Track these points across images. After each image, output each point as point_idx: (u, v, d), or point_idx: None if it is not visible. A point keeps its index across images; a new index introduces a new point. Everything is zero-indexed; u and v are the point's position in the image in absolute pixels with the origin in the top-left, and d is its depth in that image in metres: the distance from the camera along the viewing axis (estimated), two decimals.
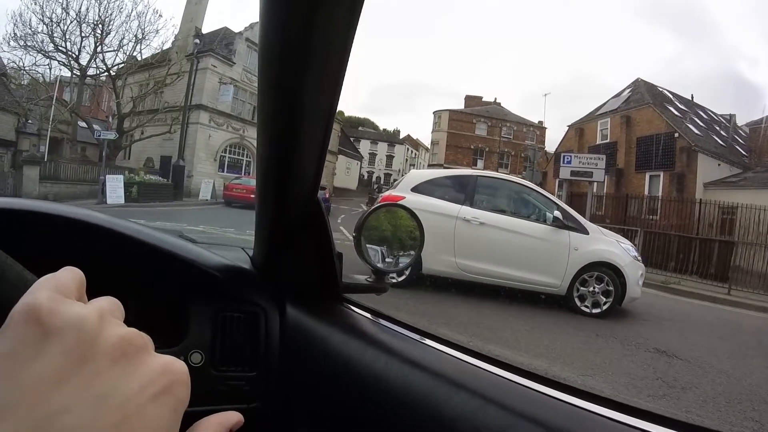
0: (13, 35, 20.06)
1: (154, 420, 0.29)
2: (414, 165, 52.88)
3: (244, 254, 1.20)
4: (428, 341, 0.95)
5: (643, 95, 21.67)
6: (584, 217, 7.59)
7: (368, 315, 1.08)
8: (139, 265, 1.00)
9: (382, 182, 49.19)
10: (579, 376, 3.92)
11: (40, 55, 20.49)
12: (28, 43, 20.07)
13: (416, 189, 7.02)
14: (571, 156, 16.76)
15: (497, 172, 35.24)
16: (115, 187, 16.63)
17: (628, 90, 23.39)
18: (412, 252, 1.15)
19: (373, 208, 1.13)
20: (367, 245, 1.09)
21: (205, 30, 25.48)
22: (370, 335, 0.97)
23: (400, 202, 1.36)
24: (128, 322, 0.34)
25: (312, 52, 0.65)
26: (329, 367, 0.93)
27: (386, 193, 7.44)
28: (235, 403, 0.96)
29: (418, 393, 0.76)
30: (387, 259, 1.14)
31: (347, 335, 0.96)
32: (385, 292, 1.13)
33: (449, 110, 38.74)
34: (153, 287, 1.01)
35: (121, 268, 0.95)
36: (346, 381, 0.89)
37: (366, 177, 47.72)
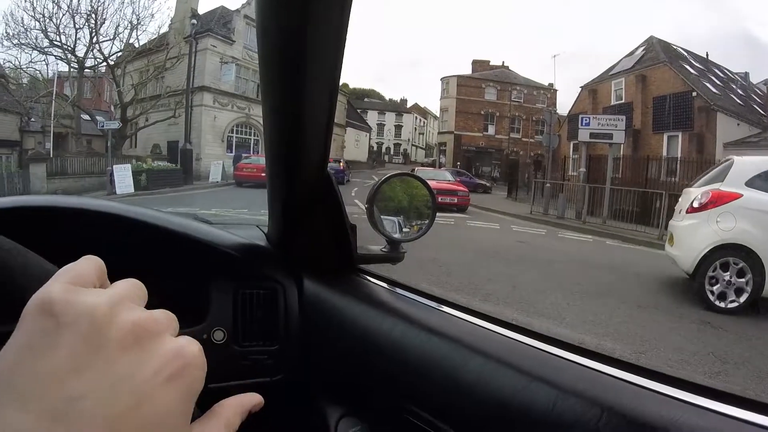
0: (5, 35, 19.84)
1: (167, 403, 0.30)
2: (423, 134, 52.45)
3: (259, 232, 1.23)
4: (445, 308, 0.96)
5: (658, 53, 20.86)
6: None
7: (384, 284, 1.10)
8: (158, 249, 1.04)
9: (392, 153, 48.88)
10: (632, 353, 3.76)
11: (35, 52, 20.37)
12: (22, 41, 19.92)
13: (754, 183, 5.44)
14: (589, 118, 16.39)
15: (509, 137, 35.31)
16: (123, 176, 16.49)
17: (642, 48, 22.53)
18: (426, 221, 1.14)
19: (385, 177, 1.12)
20: (381, 216, 1.11)
21: (201, 10, 25.03)
22: (386, 304, 0.98)
23: (414, 172, 1.30)
24: (153, 304, 0.36)
25: (310, 22, 0.66)
26: (348, 337, 0.96)
27: (709, 188, 5.76)
28: (259, 377, 1.04)
29: (435, 358, 0.78)
30: (405, 229, 1.15)
31: (364, 305, 0.98)
32: (400, 261, 1.13)
33: (457, 76, 37.98)
34: (173, 270, 1.03)
35: (141, 253, 0.98)
36: (364, 349, 0.91)
37: (375, 148, 47.13)
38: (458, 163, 32.72)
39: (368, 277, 1.13)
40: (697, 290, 5.44)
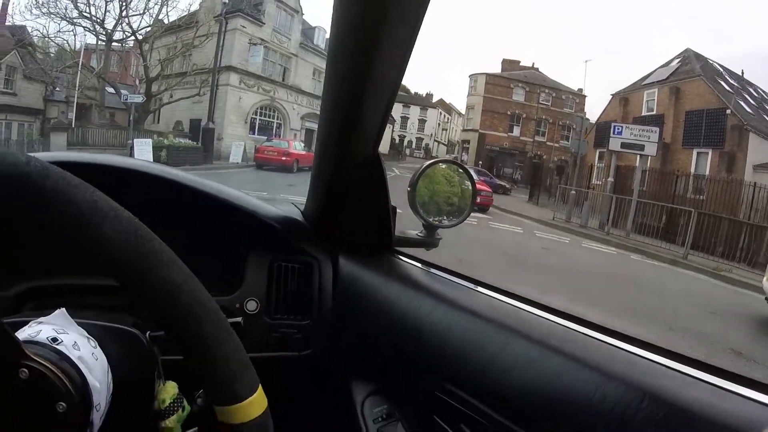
0: (35, 3, 19.78)
1: None
2: (446, 130, 52.06)
3: (295, 208, 1.23)
4: (481, 289, 0.96)
5: (694, 67, 20.30)
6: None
7: (419, 265, 1.10)
8: (199, 212, 1.04)
9: (413, 146, 48.48)
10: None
11: (64, 22, 20.31)
12: (51, 10, 19.88)
13: None
14: (622, 127, 16.26)
15: (534, 139, 34.86)
16: (143, 150, 16.47)
17: (677, 60, 21.97)
18: (465, 208, 1.14)
19: (428, 162, 1.12)
20: (419, 201, 1.09)
21: None
22: (425, 285, 0.99)
23: (458, 161, 1.30)
24: (191, 268, 0.44)
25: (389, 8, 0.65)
26: (383, 316, 0.96)
27: None
28: (288, 350, 1.06)
29: (477, 341, 0.78)
30: (442, 217, 1.13)
31: (402, 285, 0.99)
32: (435, 247, 1.15)
33: (486, 74, 37.22)
34: (212, 235, 1.05)
35: (182, 215, 0.99)
36: (400, 329, 0.91)
37: (398, 141, 46.54)
38: (480, 162, 32.37)
39: (405, 259, 1.14)
40: None
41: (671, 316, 5.68)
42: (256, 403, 0.52)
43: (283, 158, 18.74)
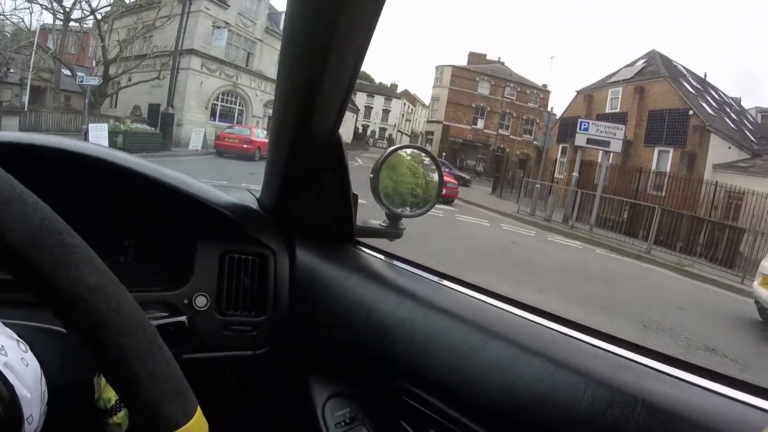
0: None
1: None
2: (410, 121, 52.11)
3: (249, 195, 1.17)
4: (447, 283, 0.93)
5: (659, 67, 20.75)
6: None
7: (382, 257, 1.06)
8: (145, 200, 0.96)
9: (377, 136, 48.33)
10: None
11: None
12: None
13: None
14: (588, 123, 16.63)
15: (497, 132, 35.40)
16: (98, 136, 15.74)
17: (643, 60, 22.42)
18: (430, 199, 1.09)
19: (393, 148, 1.08)
20: (382, 190, 1.04)
21: None
22: (388, 278, 0.95)
23: (425, 147, 1.25)
24: (137, 260, 0.41)
25: None
26: (344, 312, 0.91)
27: None
28: (241, 349, 0.99)
29: (446, 340, 0.75)
30: (405, 207, 1.08)
31: (364, 278, 0.94)
32: (399, 238, 1.10)
33: (452, 66, 37.47)
34: (158, 224, 0.99)
35: (127, 202, 0.94)
36: (362, 326, 0.87)
37: (361, 130, 46.27)
38: (443, 153, 32.54)
39: (367, 250, 1.08)
40: None
41: (643, 311, 5.72)
42: (193, 431, 0.41)
43: (245, 146, 18.41)
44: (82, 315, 0.39)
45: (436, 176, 1.10)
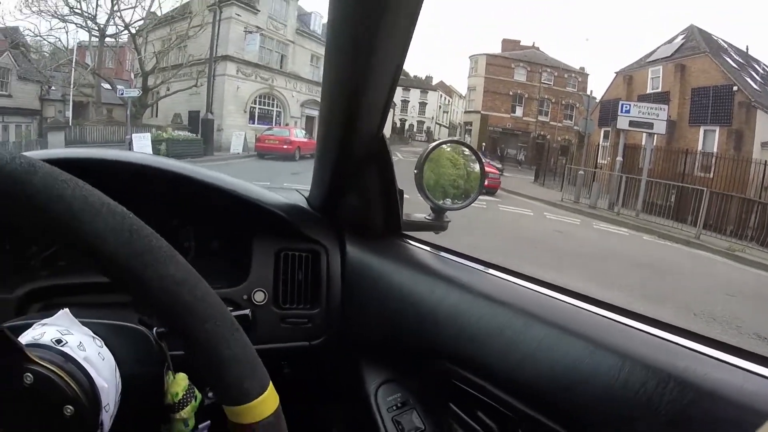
0: (24, 1, 19.59)
1: None
2: (447, 113, 51.62)
3: (299, 195, 1.21)
4: (492, 271, 0.95)
5: (699, 43, 19.77)
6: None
7: (429, 249, 1.09)
8: (202, 204, 1.03)
9: (415, 130, 48.16)
10: None
11: (55, 20, 20.25)
12: (41, 8, 19.74)
13: None
14: (630, 105, 16.17)
15: (537, 119, 34.62)
16: (142, 145, 16.45)
17: (682, 37, 21.38)
18: (472, 190, 1.11)
19: (434, 144, 1.10)
20: (425, 183, 1.07)
21: None
22: (435, 269, 0.97)
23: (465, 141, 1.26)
24: (197, 261, 0.45)
25: None
26: (395, 303, 0.94)
27: None
28: (298, 341, 1.04)
29: (493, 326, 0.77)
30: (447, 200, 1.11)
31: (412, 270, 0.97)
32: (444, 230, 1.12)
33: (486, 54, 36.64)
34: (217, 226, 1.06)
35: (186, 207, 1.01)
36: (412, 315, 0.90)
37: (399, 125, 46.09)
38: (483, 144, 32.09)
39: (414, 243, 1.12)
40: None
41: (692, 300, 5.52)
42: (267, 402, 0.48)
43: (285, 146, 18.74)
44: (173, 305, 0.45)
45: (477, 167, 1.11)
